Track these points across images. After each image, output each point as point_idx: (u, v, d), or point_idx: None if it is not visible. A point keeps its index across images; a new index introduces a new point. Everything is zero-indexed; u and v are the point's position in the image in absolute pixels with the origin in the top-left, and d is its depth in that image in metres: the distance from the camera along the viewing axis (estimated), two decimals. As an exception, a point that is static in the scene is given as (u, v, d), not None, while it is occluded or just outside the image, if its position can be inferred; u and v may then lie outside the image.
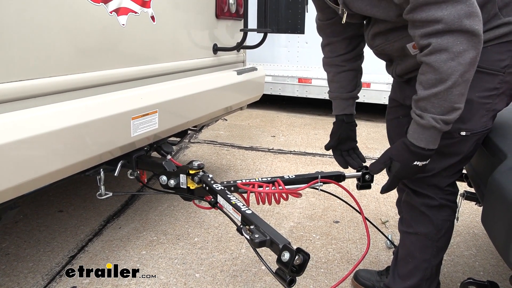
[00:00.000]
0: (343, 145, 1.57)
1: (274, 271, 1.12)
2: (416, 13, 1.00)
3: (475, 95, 1.16)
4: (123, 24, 1.58)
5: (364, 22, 1.38)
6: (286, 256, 1.06)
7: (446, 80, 0.99)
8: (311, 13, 5.12)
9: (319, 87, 4.94)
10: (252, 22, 2.38)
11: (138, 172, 1.79)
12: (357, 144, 1.60)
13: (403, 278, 1.39)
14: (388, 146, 1.40)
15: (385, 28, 1.23)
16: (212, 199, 1.48)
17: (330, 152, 1.60)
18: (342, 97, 1.53)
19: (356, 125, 1.59)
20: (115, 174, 1.70)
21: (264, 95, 2.99)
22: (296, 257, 1.05)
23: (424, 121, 1.06)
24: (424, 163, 1.13)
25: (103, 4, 1.47)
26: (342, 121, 1.54)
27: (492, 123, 1.23)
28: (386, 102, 1.29)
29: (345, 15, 1.23)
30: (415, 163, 1.12)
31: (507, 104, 1.22)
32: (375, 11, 1.15)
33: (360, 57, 1.53)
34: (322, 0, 1.34)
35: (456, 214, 1.49)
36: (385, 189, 1.24)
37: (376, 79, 4.56)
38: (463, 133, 1.19)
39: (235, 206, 1.31)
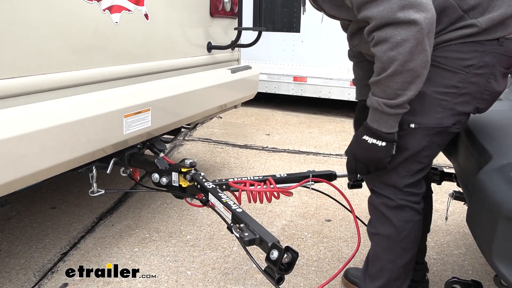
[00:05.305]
0: None
1: (263, 269, 1.14)
2: (360, 13, 1.06)
3: (429, 89, 1.15)
4: (116, 22, 1.58)
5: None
6: (274, 254, 1.08)
7: (387, 69, 1.04)
8: (307, 13, 5.13)
9: (314, 85, 4.95)
10: (247, 21, 2.38)
11: (131, 169, 1.80)
12: None
13: (372, 279, 1.38)
14: None
15: (356, 28, 1.25)
16: (204, 197, 1.49)
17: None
18: (361, 83, 1.58)
19: None
20: (108, 172, 1.71)
21: (259, 93, 2.99)
22: (285, 255, 1.07)
23: (369, 102, 1.14)
24: (373, 141, 1.16)
25: (96, 1, 1.47)
26: (361, 107, 1.57)
27: (453, 122, 1.19)
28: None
29: (322, 16, 1.30)
30: (364, 137, 1.17)
31: (480, 108, 1.19)
32: (340, 12, 1.18)
33: None
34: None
35: (445, 214, 1.51)
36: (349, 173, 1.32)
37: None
38: (412, 125, 1.18)
39: (225, 205, 1.33)
